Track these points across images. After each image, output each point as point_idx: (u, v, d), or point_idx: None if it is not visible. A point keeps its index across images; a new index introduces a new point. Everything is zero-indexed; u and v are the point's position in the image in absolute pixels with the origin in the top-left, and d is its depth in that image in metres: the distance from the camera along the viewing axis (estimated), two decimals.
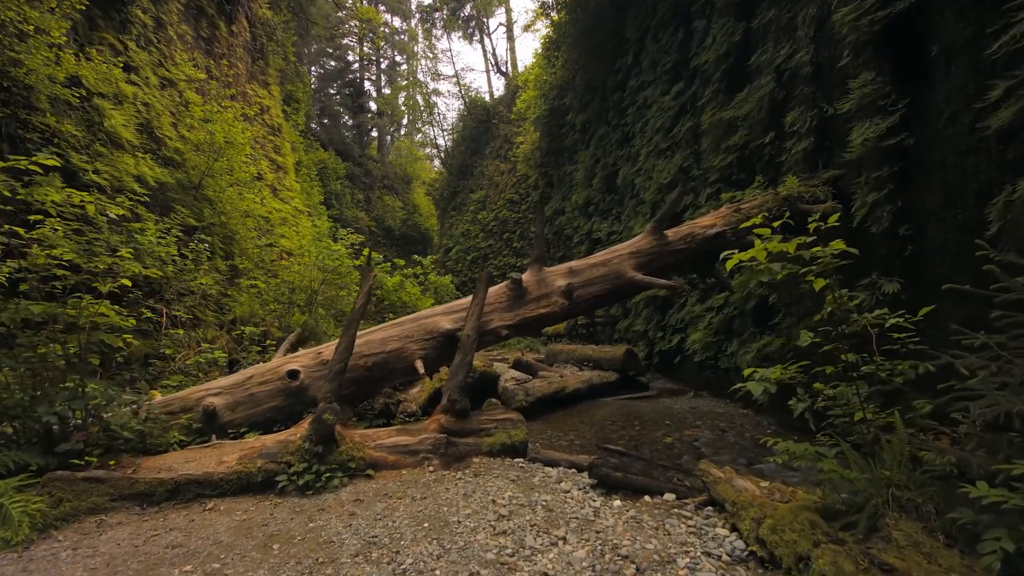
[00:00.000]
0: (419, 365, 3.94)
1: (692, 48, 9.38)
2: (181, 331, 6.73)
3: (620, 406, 7.10)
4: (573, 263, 4.51)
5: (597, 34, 14.35)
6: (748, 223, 2.53)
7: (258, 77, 16.05)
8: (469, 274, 25.10)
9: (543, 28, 21.39)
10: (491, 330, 4.16)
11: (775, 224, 4.42)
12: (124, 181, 7.81)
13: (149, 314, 6.32)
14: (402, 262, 15.55)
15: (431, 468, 3.41)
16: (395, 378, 4.08)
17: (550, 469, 3.54)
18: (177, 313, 6.81)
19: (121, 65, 8.53)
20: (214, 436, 3.54)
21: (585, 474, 3.44)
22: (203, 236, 8.19)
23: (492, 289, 4.42)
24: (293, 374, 3.88)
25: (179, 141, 9.92)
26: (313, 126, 35.75)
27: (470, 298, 4.08)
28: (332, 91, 40.98)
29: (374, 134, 43.79)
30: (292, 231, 13.87)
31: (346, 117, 40.97)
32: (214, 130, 9.86)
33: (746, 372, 2.76)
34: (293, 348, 6.41)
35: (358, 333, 4.25)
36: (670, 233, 4.62)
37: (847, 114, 5.16)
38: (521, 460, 3.70)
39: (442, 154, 41.50)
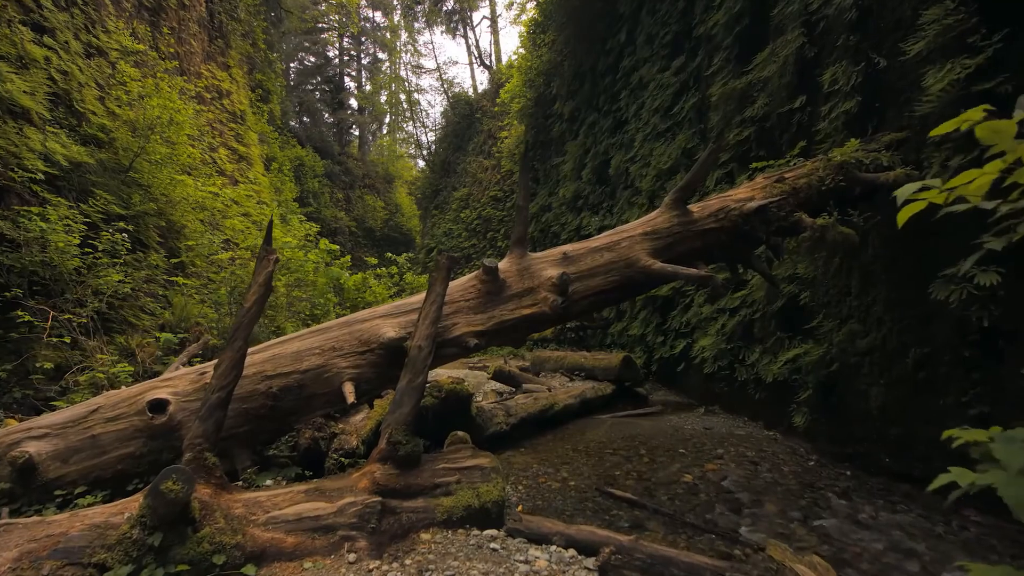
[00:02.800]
0: (348, 389, 2.72)
1: (696, 15, 8.30)
2: (68, 338, 5.39)
3: (619, 426, 5.94)
4: (568, 247, 3.34)
5: (586, 13, 13.26)
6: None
7: (216, 58, 14.65)
8: (452, 276, 23.90)
9: (529, 12, 20.26)
10: (454, 339, 2.96)
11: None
12: (24, 157, 6.46)
13: (28, 317, 4.99)
14: (374, 260, 14.29)
15: (352, 556, 2.20)
16: (315, 408, 2.85)
17: (537, 551, 2.34)
18: (70, 316, 5.47)
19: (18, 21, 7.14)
20: (5, 511, 2.28)
21: (590, 561, 2.24)
22: (123, 225, 6.85)
23: (456, 282, 3.23)
24: (158, 406, 2.63)
25: (107, 117, 8.55)
26: (293, 124, 34.46)
27: (423, 295, 2.87)
28: (311, 87, 39.66)
29: (355, 132, 42.52)
30: (254, 226, 12.52)
31: (326, 114, 39.65)
32: (150, 104, 8.51)
33: (946, 435, 1.45)
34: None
35: (267, 343, 3.02)
36: (695, 208, 3.47)
37: (914, 60, 4.05)
38: (494, 533, 2.50)
39: (424, 152, 40.43)
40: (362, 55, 42.66)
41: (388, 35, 42.18)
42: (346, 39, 41.09)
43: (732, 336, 6.33)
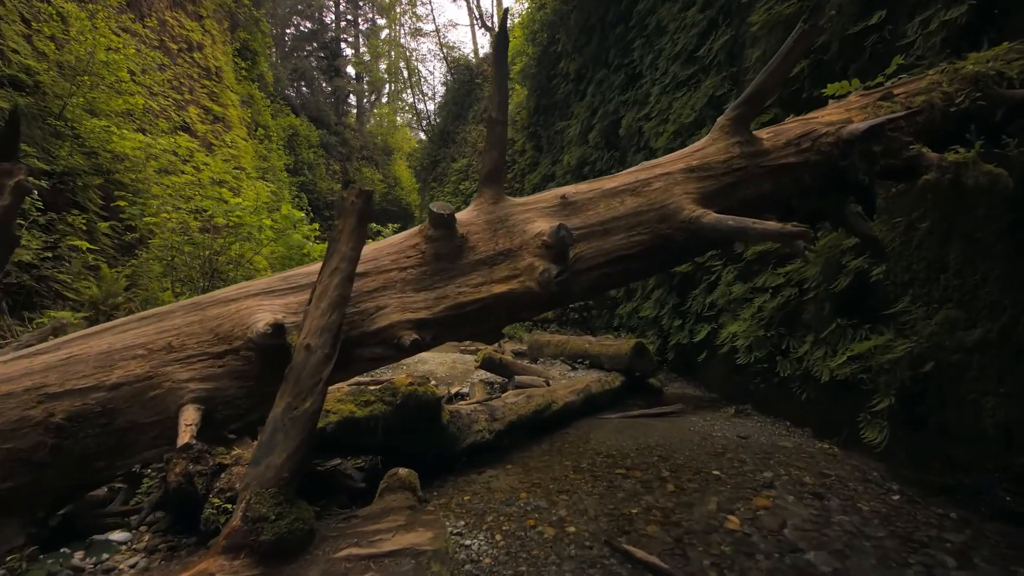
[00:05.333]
0: (188, 418, 1.57)
1: None
2: None
3: (631, 430, 4.83)
4: (570, 188, 2.13)
5: None
6: None
7: (185, 6, 13.23)
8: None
9: None
10: (378, 332, 1.79)
11: None
12: None
13: None
14: None
15: None
16: (138, 449, 1.66)
17: None
18: None
19: None
20: None
21: None
22: (34, 181, 5.67)
23: (386, 242, 2.05)
24: None
25: (33, 58, 7.30)
26: (291, 93, 33.19)
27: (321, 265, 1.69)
28: (306, 54, 38.15)
29: (352, 101, 41.01)
30: (229, 193, 11.29)
31: (322, 82, 38.16)
32: (81, 40, 7.24)
33: None
34: None
35: (60, 340, 1.85)
36: (765, 135, 2.27)
37: None
38: None
39: (424, 123, 39.06)
40: (359, 20, 40.87)
41: None
42: (343, 2, 39.26)
43: (771, 321, 5.15)
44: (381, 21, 40.98)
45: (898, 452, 3.65)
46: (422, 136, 40.12)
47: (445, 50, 36.03)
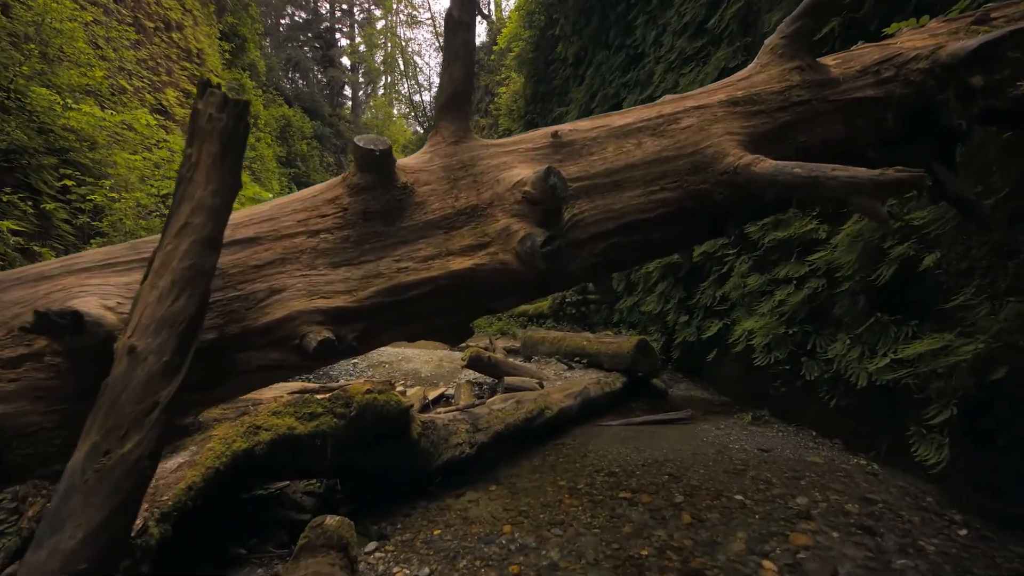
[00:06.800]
0: None
1: None
2: None
3: (635, 440, 4.24)
4: (566, 126, 1.52)
5: None
6: None
7: None
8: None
9: None
10: (270, 326, 1.16)
11: None
12: None
13: None
14: None
15: None
16: None
17: None
18: None
19: None
20: None
21: None
22: None
23: (292, 196, 1.42)
24: None
25: None
26: (284, 84, 32.52)
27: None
28: (299, 43, 37.50)
29: (347, 93, 40.35)
30: None
31: (317, 72, 37.51)
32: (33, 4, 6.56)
33: None
34: None
35: None
36: (831, 62, 1.66)
37: None
38: None
39: (419, 114, 38.48)
40: (355, 9, 40.15)
41: None
42: None
43: (795, 317, 4.55)
44: (377, 12, 40.27)
45: (957, 473, 3.05)
46: (418, 128, 39.54)
47: (441, 40, 35.37)
